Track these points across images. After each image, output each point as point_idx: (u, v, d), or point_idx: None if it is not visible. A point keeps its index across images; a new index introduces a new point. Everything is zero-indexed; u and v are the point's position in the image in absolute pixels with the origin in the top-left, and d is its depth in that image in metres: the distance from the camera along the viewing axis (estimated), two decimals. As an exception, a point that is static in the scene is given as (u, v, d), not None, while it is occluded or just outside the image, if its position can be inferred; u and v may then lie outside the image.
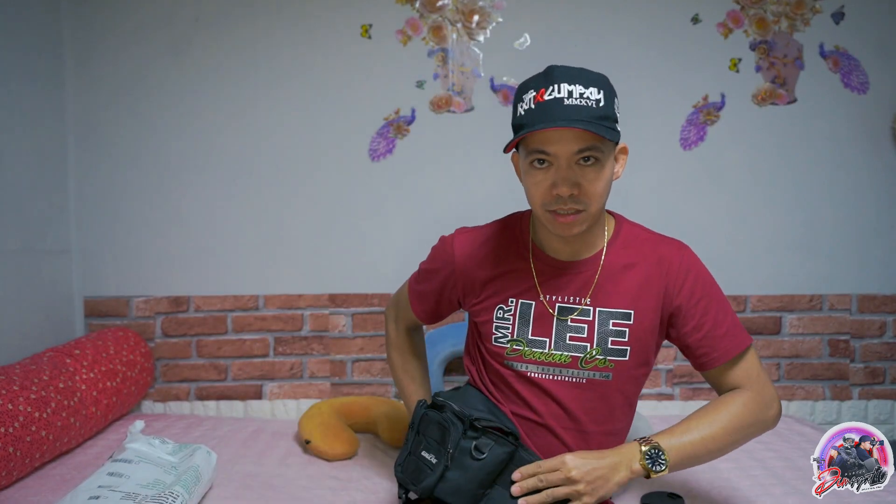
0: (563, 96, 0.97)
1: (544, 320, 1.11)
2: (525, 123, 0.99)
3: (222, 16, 1.98)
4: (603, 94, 0.99)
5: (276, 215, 2.02)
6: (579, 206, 1.01)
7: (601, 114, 0.98)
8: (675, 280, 1.10)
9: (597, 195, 1.01)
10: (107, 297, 2.03)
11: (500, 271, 1.15)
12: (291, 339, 2.05)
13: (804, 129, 2.00)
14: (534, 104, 0.98)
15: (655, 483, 1.38)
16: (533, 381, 1.11)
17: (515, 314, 1.12)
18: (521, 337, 1.11)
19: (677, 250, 1.15)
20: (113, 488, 1.20)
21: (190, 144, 2.01)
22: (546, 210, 1.03)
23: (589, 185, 1.00)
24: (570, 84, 0.98)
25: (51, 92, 1.93)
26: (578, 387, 1.10)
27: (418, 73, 1.99)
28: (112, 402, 1.72)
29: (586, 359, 1.09)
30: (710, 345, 1.09)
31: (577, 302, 1.11)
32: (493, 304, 1.15)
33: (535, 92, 0.99)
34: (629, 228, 1.18)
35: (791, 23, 1.98)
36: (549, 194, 1.01)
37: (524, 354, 1.11)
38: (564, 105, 0.96)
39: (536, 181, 1.01)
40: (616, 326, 1.09)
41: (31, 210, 1.83)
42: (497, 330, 1.14)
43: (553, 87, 0.98)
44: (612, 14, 1.98)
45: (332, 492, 1.40)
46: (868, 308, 2.04)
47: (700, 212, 2.02)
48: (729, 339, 1.10)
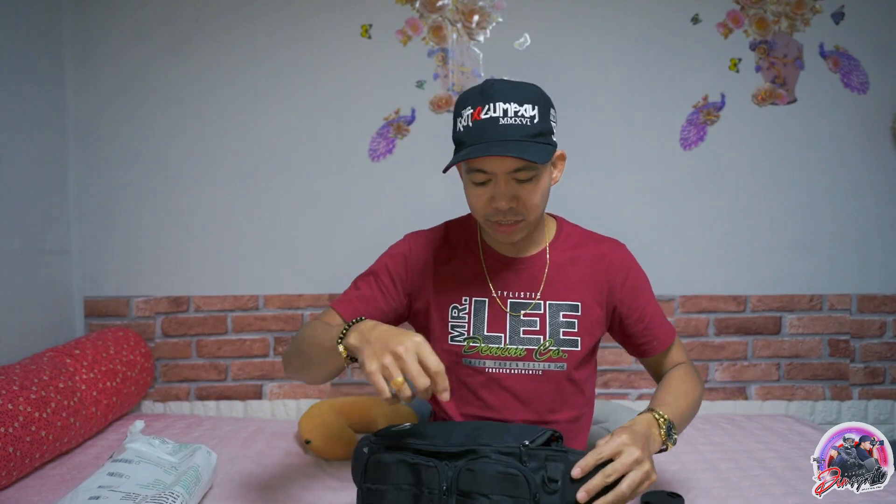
0: (498, 115, 1.00)
1: (498, 316, 1.16)
2: (463, 141, 1.03)
3: (222, 16, 1.98)
4: (538, 109, 1.02)
5: (276, 215, 2.02)
6: (518, 217, 1.07)
7: (536, 131, 1.01)
8: (616, 276, 1.19)
9: (534, 206, 1.06)
10: (107, 297, 2.03)
11: (452, 269, 1.19)
12: (291, 339, 2.04)
13: (804, 129, 2.00)
14: (471, 122, 1.01)
15: (655, 482, 1.37)
16: (491, 376, 1.15)
17: (470, 312, 1.16)
18: (478, 334, 1.15)
19: (616, 249, 1.23)
20: (113, 488, 1.20)
21: (190, 144, 2.01)
22: (487, 220, 1.08)
23: (527, 197, 1.05)
24: (506, 102, 1.00)
25: (51, 92, 1.93)
26: (535, 379, 1.15)
27: (418, 73, 1.99)
28: (112, 402, 1.72)
29: (540, 351, 1.14)
30: (651, 333, 1.22)
31: (529, 297, 1.16)
32: (447, 302, 1.17)
33: (473, 109, 1.01)
34: (570, 228, 1.26)
35: (791, 23, 1.98)
36: (488, 207, 1.06)
37: (481, 350, 1.15)
38: (500, 125, 0.99)
39: (476, 194, 1.07)
40: (566, 318, 1.16)
41: (31, 210, 1.83)
42: (453, 329, 1.16)
43: (489, 106, 1.00)
44: (612, 14, 1.98)
45: (332, 492, 1.40)
46: (868, 308, 2.04)
47: (700, 212, 2.02)
48: (665, 328, 1.24)
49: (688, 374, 1.21)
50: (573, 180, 2.00)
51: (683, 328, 2.03)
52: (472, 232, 1.22)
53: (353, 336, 0.89)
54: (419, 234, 1.25)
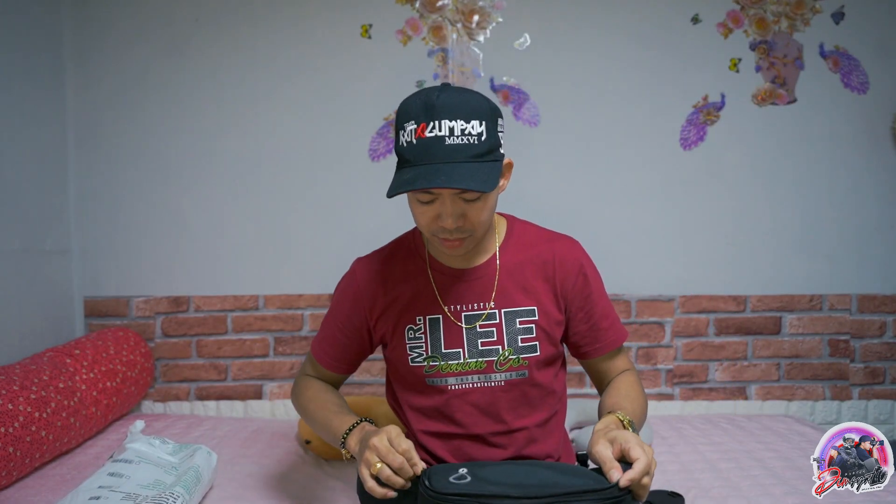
0: (444, 135, 0.95)
1: (453, 331, 1.13)
2: (407, 158, 0.98)
3: (222, 16, 1.98)
4: (485, 125, 0.97)
5: (276, 215, 2.02)
6: (464, 235, 1.03)
7: (483, 149, 0.97)
8: (567, 274, 1.15)
9: (481, 222, 1.04)
10: (107, 297, 2.03)
11: (402, 290, 1.15)
12: (291, 339, 2.05)
13: (804, 129, 2.00)
14: (414, 138, 0.96)
15: (656, 482, 1.38)
16: (454, 393, 1.12)
17: (426, 331, 1.13)
18: (436, 352, 1.12)
19: (569, 247, 1.18)
20: (113, 489, 1.20)
21: (190, 144, 2.01)
22: (434, 236, 1.06)
23: (474, 216, 1.02)
24: (452, 120, 0.95)
25: (51, 92, 1.93)
26: (498, 390, 1.12)
27: (418, 73, 1.99)
28: (112, 402, 1.72)
29: (500, 361, 1.12)
30: (594, 335, 1.16)
31: (482, 307, 1.13)
32: (403, 325, 1.14)
33: (416, 125, 0.96)
34: (521, 228, 1.20)
35: (791, 23, 1.98)
36: (434, 224, 1.03)
37: (442, 369, 1.12)
38: (445, 146, 0.95)
39: (421, 212, 1.03)
40: (523, 324, 1.12)
41: (31, 210, 1.83)
42: (411, 350, 1.13)
43: (434, 124, 0.95)
44: (612, 14, 1.98)
45: (332, 492, 1.40)
46: (868, 308, 2.04)
47: (700, 212, 2.02)
48: (613, 331, 1.18)
49: (637, 382, 1.16)
50: (573, 180, 2.01)
51: (683, 328, 2.03)
52: (419, 246, 1.19)
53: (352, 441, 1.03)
54: (364, 262, 1.21)
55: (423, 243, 1.19)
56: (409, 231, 1.24)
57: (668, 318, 2.03)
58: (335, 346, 1.21)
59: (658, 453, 1.59)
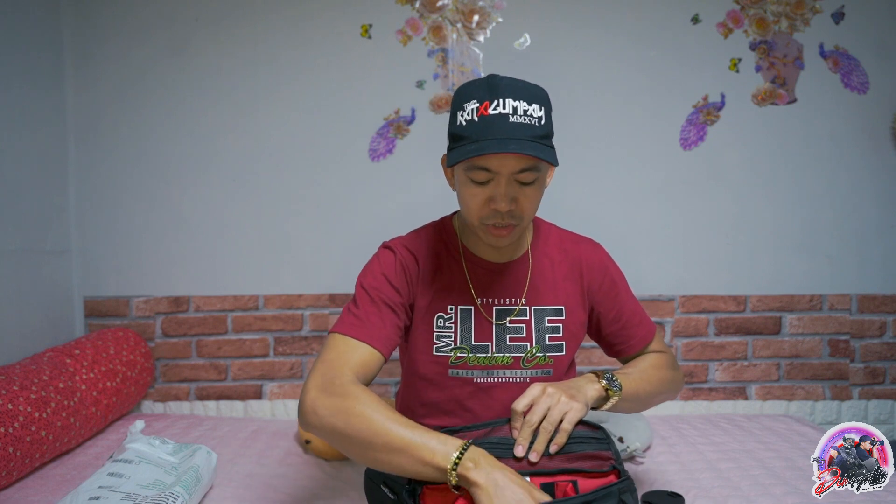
0: (508, 112, 0.95)
1: (484, 324, 1.12)
2: (468, 136, 0.97)
3: (222, 16, 1.98)
4: (544, 110, 0.99)
5: (276, 215, 2.02)
6: (514, 221, 1.03)
7: (543, 132, 0.98)
8: (594, 276, 1.17)
9: (531, 210, 1.05)
10: (107, 297, 2.03)
11: (436, 277, 1.14)
12: (291, 339, 2.05)
13: (804, 129, 2.00)
14: (476, 116, 0.96)
15: (656, 482, 1.38)
16: (479, 386, 1.12)
17: (456, 321, 1.12)
18: (465, 343, 1.11)
19: (593, 249, 1.21)
20: (113, 489, 1.20)
21: (190, 144, 2.01)
22: (482, 222, 1.04)
23: (526, 201, 1.02)
24: (515, 100, 0.95)
25: (51, 92, 1.93)
26: (522, 387, 1.10)
27: (418, 73, 1.99)
28: (112, 402, 1.72)
29: (527, 358, 1.12)
30: (627, 333, 1.19)
31: (514, 303, 1.14)
32: (433, 311, 1.12)
33: (479, 104, 0.96)
34: (546, 228, 1.23)
35: (791, 23, 1.98)
36: (486, 208, 1.02)
37: (469, 361, 1.11)
38: (510, 122, 0.94)
39: (474, 194, 1.02)
40: (551, 323, 1.14)
41: (31, 210, 1.83)
42: (438, 339, 1.11)
43: (498, 102, 0.95)
44: (612, 14, 1.98)
45: (331, 492, 1.40)
46: (868, 308, 2.04)
47: (700, 212, 2.02)
48: (643, 326, 1.21)
49: (657, 357, 1.18)
50: (573, 180, 2.01)
51: (683, 328, 2.03)
52: (452, 236, 1.17)
53: (473, 471, 0.84)
54: (397, 242, 1.17)
55: (455, 233, 1.18)
56: (435, 221, 1.23)
57: (668, 318, 2.03)
58: (382, 325, 1.05)
59: (658, 453, 1.60)
